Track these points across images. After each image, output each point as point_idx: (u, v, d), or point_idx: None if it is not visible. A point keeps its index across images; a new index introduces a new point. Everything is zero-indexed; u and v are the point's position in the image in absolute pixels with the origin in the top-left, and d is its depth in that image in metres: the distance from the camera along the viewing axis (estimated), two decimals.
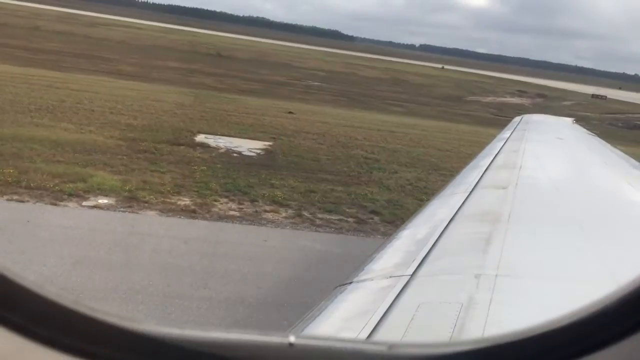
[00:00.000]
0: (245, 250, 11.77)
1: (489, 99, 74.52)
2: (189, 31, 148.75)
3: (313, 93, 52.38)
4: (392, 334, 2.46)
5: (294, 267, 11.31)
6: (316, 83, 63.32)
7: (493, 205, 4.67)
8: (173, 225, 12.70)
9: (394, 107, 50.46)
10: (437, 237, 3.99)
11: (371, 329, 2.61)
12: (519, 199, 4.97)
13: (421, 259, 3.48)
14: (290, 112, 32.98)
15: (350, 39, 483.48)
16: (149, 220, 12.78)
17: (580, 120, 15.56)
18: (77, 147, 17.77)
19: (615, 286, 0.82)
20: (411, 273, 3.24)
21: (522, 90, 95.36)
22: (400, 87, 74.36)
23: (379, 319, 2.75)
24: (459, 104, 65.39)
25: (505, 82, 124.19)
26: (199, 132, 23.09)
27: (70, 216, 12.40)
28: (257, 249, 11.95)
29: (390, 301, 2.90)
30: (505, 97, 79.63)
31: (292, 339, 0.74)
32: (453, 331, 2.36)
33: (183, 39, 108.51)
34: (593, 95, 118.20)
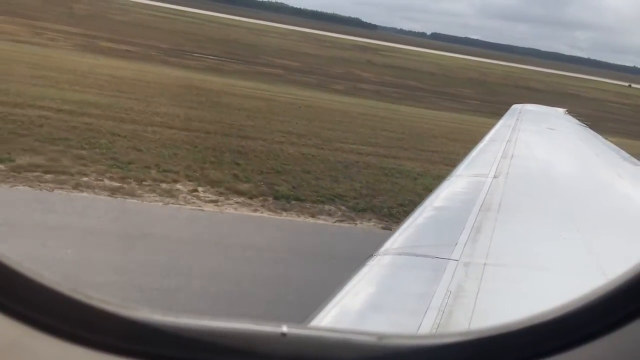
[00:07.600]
0: None
1: None
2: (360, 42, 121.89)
3: None
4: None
5: None
6: None
7: (484, 193, 4.70)
8: None
9: None
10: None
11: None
12: (509, 188, 5.00)
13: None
14: None
15: (373, 27, 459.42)
16: None
17: None
18: None
19: (602, 278, 0.83)
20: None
21: None
22: None
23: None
24: None
25: None
26: None
27: None
28: None
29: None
30: None
31: (284, 328, 0.75)
32: (441, 319, 2.39)
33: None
34: None
